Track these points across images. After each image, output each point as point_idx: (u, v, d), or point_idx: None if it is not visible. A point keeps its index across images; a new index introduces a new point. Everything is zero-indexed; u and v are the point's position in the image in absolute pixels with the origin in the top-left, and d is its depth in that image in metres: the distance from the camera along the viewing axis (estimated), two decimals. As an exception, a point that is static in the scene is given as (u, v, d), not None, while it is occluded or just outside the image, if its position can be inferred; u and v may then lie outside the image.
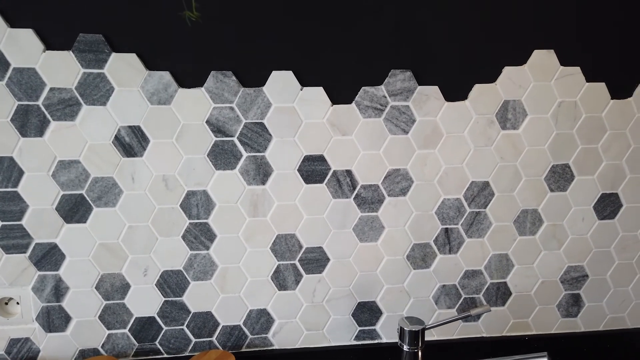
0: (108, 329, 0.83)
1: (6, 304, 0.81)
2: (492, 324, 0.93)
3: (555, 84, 0.84)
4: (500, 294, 0.91)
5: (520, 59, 0.83)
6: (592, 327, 0.95)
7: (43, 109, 0.74)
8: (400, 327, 0.76)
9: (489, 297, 0.91)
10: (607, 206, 0.90)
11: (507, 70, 0.83)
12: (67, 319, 0.82)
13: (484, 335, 0.93)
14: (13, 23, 0.72)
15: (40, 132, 0.75)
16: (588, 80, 0.84)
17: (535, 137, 0.85)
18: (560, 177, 0.88)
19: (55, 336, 0.82)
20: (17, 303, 0.82)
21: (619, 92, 0.86)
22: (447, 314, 0.91)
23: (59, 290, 0.81)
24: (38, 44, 0.72)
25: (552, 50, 0.83)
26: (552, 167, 0.87)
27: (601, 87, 0.85)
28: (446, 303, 0.90)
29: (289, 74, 0.78)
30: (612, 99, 0.86)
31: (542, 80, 0.83)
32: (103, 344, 0.84)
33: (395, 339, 0.91)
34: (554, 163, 0.87)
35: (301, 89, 0.79)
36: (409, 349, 0.76)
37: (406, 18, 0.79)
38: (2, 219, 0.77)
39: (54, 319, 0.82)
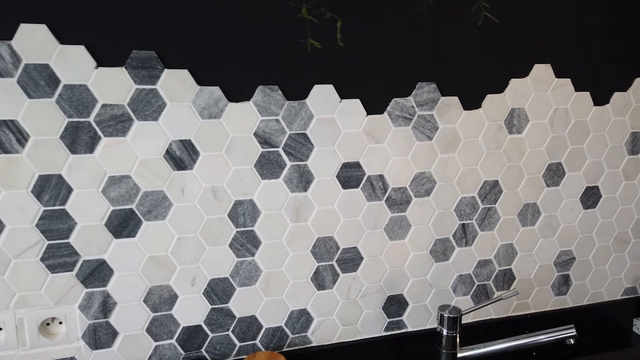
0: (155, 340, 0.84)
1: (48, 324, 0.80)
2: (498, 306, 1.04)
3: (551, 94, 0.97)
4: (506, 279, 1.03)
5: (523, 72, 0.94)
6: (578, 302, 1.10)
7: (94, 125, 0.74)
8: (441, 314, 0.85)
9: (497, 282, 1.02)
10: (590, 197, 1.05)
11: (513, 82, 0.94)
12: (114, 334, 0.82)
13: (493, 317, 1.04)
14: (64, 40, 0.71)
15: (90, 149, 0.75)
16: (576, 90, 0.98)
17: (535, 140, 0.97)
18: (554, 174, 1.01)
19: (102, 353, 0.82)
20: (60, 323, 0.80)
21: (600, 100, 1.00)
22: (464, 301, 1.01)
23: (107, 306, 0.80)
24: (90, 61, 0.72)
25: (549, 65, 0.95)
26: (548, 165, 1.00)
27: (586, 96, 0.99)
28: (462, 291, 1.00)
29: (330, 87, 0.84)
30: (594, 105, 1.00)
31: (540, 91, 0.96)
32: (150, 357, 0.85)
33: (419, 327, 0.99)
34: (550, 162, 1.00)
35: (340, 101, 0.85)
36: (448, 333, 0.85)
37: (429, 38, 0.87)
38: (48, 238, 0.76)
39: (101, 336, 0.81)
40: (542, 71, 0.95)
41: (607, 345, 1.07)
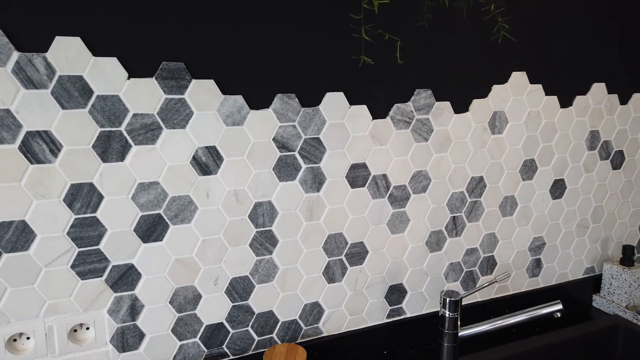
0: (180, 340, 0.87)
1: (75, 331, 0.81)
2: (483, 290, 1.15)
3: (526, 98, 1.09)
4: (489, 265, 1.14)
5: (503, 79, 1.05)
6: (547, 282, 1.24)
7: (125, 134, 0.76)
8: (444, 298, 0.94)
9: (482, 268, 1.13)
10: (558, 189, 1.18)
11: (495, 88, 1.05)
12: (140, 336, 0.84)
13: (479, 300, 1.15)
14: (97, 52, 0.73)
15: (121, 157, 0.77)
16: (546, 94, 1.11)
17: (513, 139, 1.09)
18: (528, 169, 1.13)
19: (129, 355, 0.84)
20: (87, 328, 0.82)
21: (565, 103, 1.14)
22: (454, 287, 1.11)
23: (135, 309, 0.83)
24: (122, 72, 0.75)
25: (524, 72, 1.07)
26: (524, 161, 1.12)
27: (554, 99, 1.12)
28: (453, 277, 1.11)
29: (340, 95, 0.90)
30: (560, 108, 1.13)
31: (517, 95, 1.07)
32: (175, 356, 0.88)
33: (416, 313, 1.08)
34: (525, 158, 1.12)
35: (349, 107, 0.92)
36: (450, 315, 0.94)
37: (427, 49, 0.96)
38: (79, 245, 0.77)
39: (128, 339, 0.83)
40: (519, 78, 1.07)
41: (572, 318, 1.21)
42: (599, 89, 1.18)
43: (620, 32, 1.18)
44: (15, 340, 0.78)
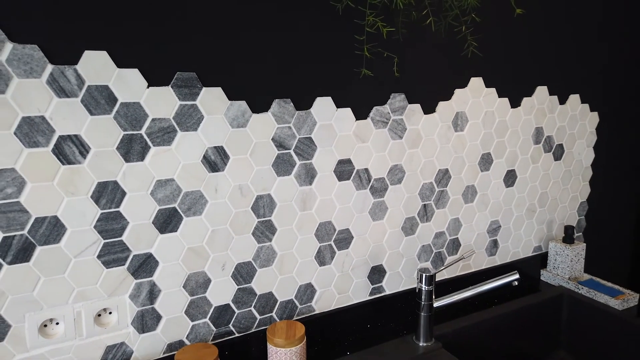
0: (192, 320, 0.97)
1: (99, 315, 0.90)
2: (449, 268, 1.31)
3: (483, 100, 1.26)
4: (454, 246, 1.31)
5: (463, 84, 1.22)
6: (503, 260, 1.42)
7: (145, 137, 0.86)
8: (420, 274, 1.09)
9: (448, 249, 1.30)
10: (510, 178, 1.36)
11: (457, 92, 1.21)
12: (158, 318, 0.94)
13: (446, 277, 1.31)
14: (120, 64, 0.82)
15: (141, 157, 0.86)
16: (499, 96, 1.28)
17: (473, 136, 1.26)
18: (486, 161, 1.30)
19: (147, 336, 0.93)
20: (110, 313, 0.90)
21: (514, 103, 1.32)
22: (426, 266, 1.26)
23: (153, 293, 0.92)
24: (142, 82, 0.84)
25: (481, 77, 1.24)
26: (482, 155, 1.29)
27: (506, 101, 1.30)
28: (424, 258, 1.26)
29: (329, 99, 1.03)
30: (511, 108, 1.31)
31: (476, 98, 1.24)
32: (187, 335, 0.98)
33: (394, 290, 1.23)
34: (483, 152, 1.29)
35: (336, 110, 1.05)
36: (426, 288, 1.09)
37: (401, 59, 1.10)
38: (104, 237, 0.86)
39: (147, 321, 0.93)
40: (476, 83, 1.23)
41: (524, 290, 1.40)
42: (542, 91, 1.37)
43: (556, 44, 1.37)
44: (45, 325, 0.85)
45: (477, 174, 1.29)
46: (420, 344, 1.11)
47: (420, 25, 1.11)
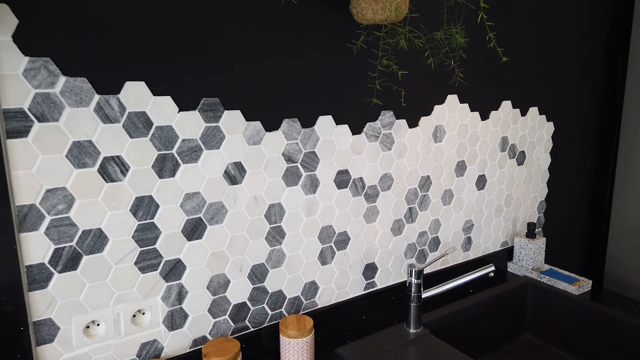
0: (214, 318, 1.09)
1: (134, 316, 1.00)
2: (431, 264, 1.48)
3: (458, 114, 1.43)
4: (435, 244, 1.47)
5: (442, 101, 1.38)
6: (476, 255, 1.60)
7: (176, 155, 0.97)
8: (410, 269, 1.24)
9: (430, 247, 1.46)
10: (481, 182, 1.54)
11: (436, 108, 1.37)
12: (185, 317, 1.05)
13: (428, 271, 1.48)
14: (156, 92, 0.93)
15: (173, 174, 0.97)
16: (471, 111, 1.46)
17: (449, 146, 1.43)
18: (461, 168, 1.47)
19: (176, 333, 1.04)
20: (143, 313, 1.01)
21: (484, 116, 1.50)
22: (411, 262, 1.42)
23: (181, 295, 1.03)
24: (174, 107, 0.95)
25: (456, 95, 1.41)
26: (457, 162, 1.46)
27: (477, 115, 1.47)
28: (410, 255, 1.42)
29: (329, 117, 1.17)
30: (481, 120, 1.49)
31: (452, 112, 1.41)
32: (210, 331, 1.09)
33: (385, 284, 1.38)
34: (458, 160, 1.46)
35: (336, 127, 1.19)
36: (415, 281, 1.24)
37: (390, 81, 1.25)
38: (140, 245, 0.96)
39: (176, 319, 1.04)
40: (452, 99, 1.40)
41: (494, 281, 1.58)
42: (506, 105, 1.55)
43: (518, 65, 1.56)
44: (87, 327, 0.95)
45: (454, 179, 1.46)
46: (411, 331, 1.26)
47: (422, 64, 1.26)
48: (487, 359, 1.46)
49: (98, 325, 0.96)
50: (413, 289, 1.25)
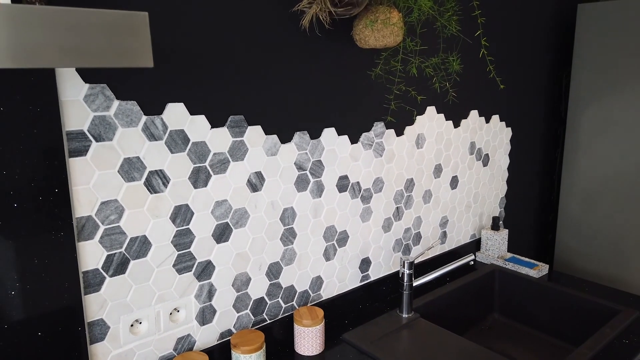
0: (237, 312, 1.21)
1: (171, 314, 1.10)
2: (414, 255, 1.66)
3: (435, 123, 1.62)
4: (417, 239, 1.65)
5: (422, 112, 1.57)
6: (450, 247, 1.80)
7: (208, 168, 1.08)
8: (403, 260, 1.41)
9: (413, 241, 1.64)
10: (454, 182, 1.74)
11: (418, 118, 1.55)
12: (214, 312, 1.16)
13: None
14: (192, 112, 1.04)
15: (205, 184, 1.09)
16: (446, 120, 1.65)
17: (429, 151, 1.61)
18: (438, 170, 1.67)
19: (206, 327, 1.15)
20: (178, 311, 1.11)
21: (456, 124, 1.70)
22: (398, 256, 1.60)
23: (211, 293, 1.14)
24: (207, 125, 1.07)
25: (434, 106, 1.60)
26: (435, 166, 1.65)
27: (450, 123, 1.67)
28: (397, 249, 1.59)
29: (332, 130, 1.32)
30: (454, 128, 1.69)
31: (430, 122, 1.60)
32: (234, 324, 1.21)
33: (377, 276, 1.54)
34: (436, 163, 1.65)
35: (338, 137, 1.34)
36: (407, 271, 1.42)
37: (381, 94, 1.42)
38: (178, 249, 1.07)
39: (206, 315, 1.15)
40: (430, 111, 1.59)
41: (465, 269, 1.79)
42: (474, 114, 1.76)
43: (482, 78, 1.78)
44: (132, 325, 1.04)
45: (432, 180, 1.65)
46: (404, 316, 1.43)
47: (427, 85, 1.43)
48: (467, 338, 1.66)
49: (140, 323, 1.05)
50: (405, 279, 1.42)
